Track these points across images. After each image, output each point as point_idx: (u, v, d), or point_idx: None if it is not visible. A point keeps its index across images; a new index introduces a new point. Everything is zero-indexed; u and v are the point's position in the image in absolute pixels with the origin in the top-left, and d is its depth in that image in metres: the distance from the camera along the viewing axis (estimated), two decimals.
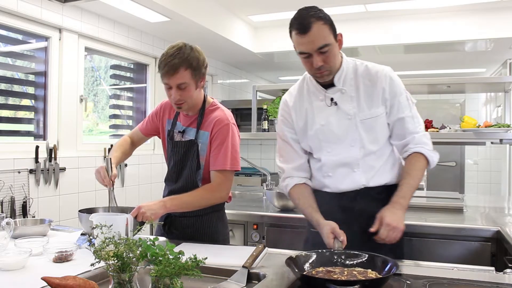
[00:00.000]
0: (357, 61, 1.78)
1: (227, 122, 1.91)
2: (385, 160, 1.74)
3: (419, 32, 4.66)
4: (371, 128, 1.71)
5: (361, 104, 1.70)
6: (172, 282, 1.03)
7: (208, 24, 4.23)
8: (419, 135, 1.71)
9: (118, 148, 2.09)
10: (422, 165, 1.69)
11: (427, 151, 1.70)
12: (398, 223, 1.55)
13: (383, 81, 1.70)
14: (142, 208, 1.70)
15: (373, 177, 1.71)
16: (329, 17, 1.64)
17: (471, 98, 7.14)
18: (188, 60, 1.80)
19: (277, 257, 1.61)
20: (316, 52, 1.60)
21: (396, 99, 1.71)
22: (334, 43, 1.63)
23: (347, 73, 1.73)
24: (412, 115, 1.72)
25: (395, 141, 1.76)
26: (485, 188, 7.10)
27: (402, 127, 1.71)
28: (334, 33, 1.64)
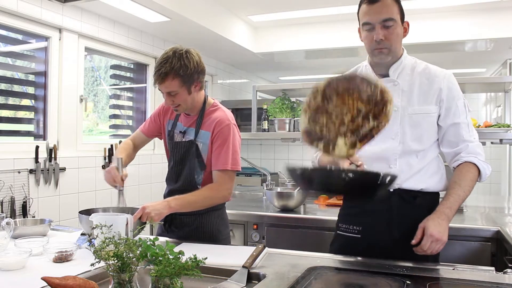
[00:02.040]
0: (418, 60, 1.75)
1: (228, 122, 1.92)
2: (426, 164, 1.67)
3: (419, 32, 4.66)
4: (417, 124, 1.65)
5: (412, 98, 1.66)
6: (172, 282, 1.03)
7: (208, 24, 4.22)
8: (473, 144, 1.64)
9: (122, 151, 2.09)
10: (473, 176, 1.62)
11: (481, 162, 1.62)
12: (442, 235, 1.51)
13: (441, 81, 1.66)
14: (147, 209, 1.70)
15: (410, 178, 1.64)
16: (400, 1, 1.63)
17: (471, 98, 7.14)
18: (175, 70, 1.80)
19: (277, 257, 1.61)
20: (380, 24, 1.60)
21: (454, 102, 1.65)
22: (399, 23, 1.62)
23: (404, 68, 1.70)
24: (468, 123, 1.66)
25: (446, 149, 1.68)
26: (485, 188, 7.10)
27: (457, 133, 1.64)
28: (401, 15, 1.63)
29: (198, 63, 1.87)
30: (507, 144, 3.03)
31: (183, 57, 1.82)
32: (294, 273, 1.39)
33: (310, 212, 2.67)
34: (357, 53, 5.10)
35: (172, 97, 1.85)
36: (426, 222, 1.53)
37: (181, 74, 1.81)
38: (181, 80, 1.82)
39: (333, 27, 4.83)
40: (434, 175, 1.69)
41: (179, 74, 1.81)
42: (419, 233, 1.52)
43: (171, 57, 1.81)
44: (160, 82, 1.82)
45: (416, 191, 1.66)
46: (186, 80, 1.83)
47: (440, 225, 1.52)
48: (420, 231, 1.52)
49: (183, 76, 1.82)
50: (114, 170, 1.86)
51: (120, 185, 1.86)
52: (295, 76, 7.43)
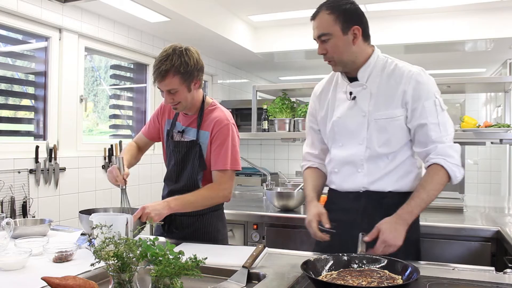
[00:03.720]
0: (390, 58, 1.72)
1: (227, 122, 1.92)
2: (396, 166, 1.66)
3: (419, 32, 4.66)
4: (384, 129, 1.64)
5: (379, 103, 1.65)
6: (172, 282, 1.03)
7: (208, 24, 4.22)
8: (443, 146, 1.59)
9: (126, 152, 2.09)
10: (441, 179, 1.57)
11: (450, 164, 1.57)
12: (396, 241, 1.49)
13: (406, 82, 1.62)
14: (147, 209, 1.70)
15: (377, 181, 1.66)
16: (345, 9, 1.61)
17: (471, 98, 7.14)
18: (176, 67, 1.79)
19: (277, 257, 1.61)
20: (318, 40, 1.65)
21: (420, 103, 1.61)
22: (338, 35, 1.61)
23: (373, 69, 1.68)
24: (438, 122, 1.60)
25: (417, 149, 1.66)
26: (485, 188, 7.10)
27: (425, 134, 1.61)
28: (344, 25, 1.60)
29: (198, 60, 1.87)
30: (507, 144, 3.03)
31: (183, 54, 1.82)
32: (294, 273, 1.39)
33: None
34: None
35: (172, 95, 1.85)
36: (382, 225, 1.52)
37: (182, 71, 1.80)
38: (182, 77, 1.82)
39: None
40: (406, 176, 1.68)
41: (180, 71, 1.80)
42: (374, 232, 1.51)
43: (171, 54, 1.81)
44: (160, 80, 1.81)
45: (385, 192, 1.67)
46: (187, 77, 1.83)
47: (395, 230, 1.50)
48: (376, 231, 1.51)
49: (184, 73, 1.81)
50: (115, 169, 1.87)
51: (122, 184, 1.86)
52: (295, 76, 7.43)
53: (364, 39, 1.67)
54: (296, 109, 3.36)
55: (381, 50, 1.77)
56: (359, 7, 1.66)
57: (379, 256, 1.38)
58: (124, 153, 2.09)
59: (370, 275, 1.26)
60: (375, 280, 1.21)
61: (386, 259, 1.35)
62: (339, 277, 1.26)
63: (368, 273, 1.28)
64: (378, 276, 1.25)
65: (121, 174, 1.86)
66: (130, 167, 2.07)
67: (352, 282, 1.21)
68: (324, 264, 1.35)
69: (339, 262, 1.36)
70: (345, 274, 1.29)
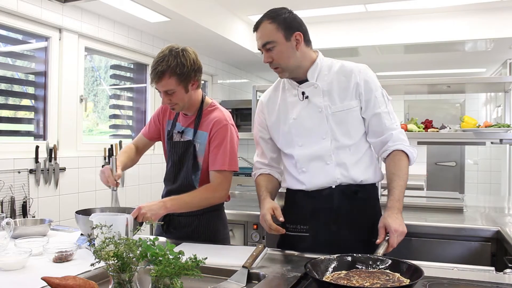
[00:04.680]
0: (333, 60, 1.81)
1: (225, 122, 1.91)
2: (360, 157, 1.74)
3: (419, 32, 4.66)
4: (343, 121, 1.72)
5: (333, 97, 1.72)
6: (172, 282, 1.03)
7: (208, 24, 4.22)
8: (396, 132, 1.72)
9: (122, 154, 2.09)
10: (406, 163, 1.70)
11: (407, 147, 1.71)
12: (403, 227, 1.57)
13: (357, 76, 1.72)
14: (143, 209, 1.70)
15: (348, 171, 1.71)
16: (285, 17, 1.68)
17: (471, 98, 7.14)
18: (172, 68, 1.79)
19: (277, 257, 1.61)
20: (263, 48, 1.71)
21: (372, 94, 1.72)
22: (282, 42, 1.68)
23: (321, 70, 1.76)
24: (388, 111, 1.74)
25: (372, 139, 1.76)
26: (485, 188, 7.11)
27: (379, 122, 1.72)
28: (286, 32, 1.68)
29: (195, 61, 1.87)
30: (507, 144, 3.03)
31: (179, 55, 1.82)
32: (294, 273, 1.39)
33: None
34: (357, 53, 5.11)
35: (169, 96, 1.85)
36: (385, 221, 1.58)
37: (178, 72, 1.80)
38: (178, 78, 1.82)
39: (333, 27, 4.84)
40: (369, 167, 1.76)
41: (176, 73, 1.80)
42: (382, 232, 1.56)
43: (168, 55, 1.81)
44: (157, 81, 1.82)
45: (355, 184, 1.72)
46: (183, 78, 1.83)
47: (397, 219, 1.58)
48: (383, 231, 1.56)
49: (180, 75, 1.81)
50: (107, 170, 1.86)
51: (113, 186, 1.86)
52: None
53: (306, 44, 1.74)
54: None
55: (381, 50, 1.79)
56: (297, 16, 1.74)
57: (383, 256, 1.38)
58: (120, 154, 2.09)
59: (379, 277, 1.25)
60: (380, 282, 1.21)
61: (390, 259, 1.35)
62: (345, 277, 1.26)
63: (378, 275, 1.27)
64: (386, 278, 1.24)
65: (113, 176, 1.85)
66: (125, 169, 2.07)
67: (356, 283, 1.21)
68: (328, 264, 1.35)
69: (343, 263, 1.36)
70: (353, 274, 1.29)
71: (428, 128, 2.91)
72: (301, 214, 1.78)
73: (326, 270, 1.32)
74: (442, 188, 5.26)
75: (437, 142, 3.21)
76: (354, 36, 4.76)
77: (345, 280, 1.24)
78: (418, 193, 3.07)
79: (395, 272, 1.29)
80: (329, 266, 1.34)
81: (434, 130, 2.89)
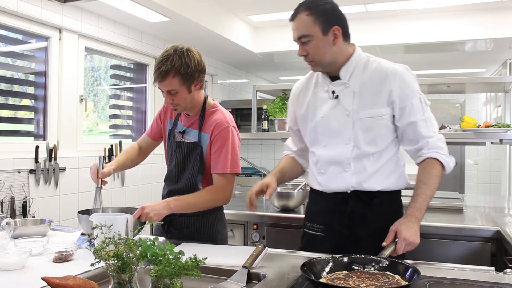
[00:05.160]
0: (371, 57, 1.71)
1: (227, 125, 1.91)
2: (382, 165, 1.67)
3: (419, 32, 4.66)
4: (369, 128, 1.64)
5: (363, 101, 1.64)
6: (172, 282, 1.03)
7: (208, 24, 4.22)
8: (433, 139, 1.63)
9: (123, 153, 2.11)
10: (438, 172, 1.61)
11: (443, 156, 1.62)
12: (414, 238, 1.51)
13: (391, 81, 1.62)
14: (146, 209, 1.70)
15: (366, 180, 1.65)
16: (324, 9, 1.60)
17: (471, 98, 7.14)
18: (176, 68, 1.78)
19: (277, 257, 1.61)
20: (298, 41, 1.64)
21: (408, 101, 1.62)
22: (318, 36, 1.60)
23: (355, 68, 1.67)
24: (425, 118, 1.63)
25: (407, 147, 1.68)
26: (485, 188, 7.10)
27: (414, 131, 1.63)
28: (324, 26, 1.59)
29: (199, 61, 1.87)
30: (507, 144, 3.03)
31: (184, 55, 1.81)
32: (294, 273, 1.39)
33: None
34: None
35: (172, 95, 1.84)
36: (398, 226, 1.53)
37: (182, 72, 1.80)
38: (182, 78, 1.81)
39: None
40: (391, 175, 1.69)
41: (180, 73, 1.80)
42: (390, 236, 1.52)
43: (172, 55, 1.80)
44: (160, 80, 1.81)
45: (373, 192, 1.66)
46: (187, 78, 1.82)
47: (412, 228, 1.52)
48: (392, 234, 1.52)
49: (184, 75, 1.81)
50: (94, 167, 1.89)
51: (97, 184, 1.86)
52: (295, 76, 7.42)
53: (345, 38, 1.66)
54: None
55: (381, 50, 1.77)
56: (337, 7, 1.65)
57: (380, 257, 1.38)
58: (121, 154, 2.10)
59: (378, 278, 1.25)
60: (377, 283, 1.21)
61: (388, 260, 1.35)
62: (343, 277, 1.26)
63: (378, 276, 1.27)
64: (385, 280, 1.24)
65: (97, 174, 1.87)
66: (123, 168, 2.08)
67: (352, 283, 1.21)
68: (324, 265, 1.34)
69: (340, 263, 1.36)
70: (352, 275, 1.29)
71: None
72: (318, 213, 1.76)
73: (322, 270, 1.32)
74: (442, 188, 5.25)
75: None
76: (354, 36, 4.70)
77: (342, 280, 1.24)
78: None
79: (395, 274, 1.29)
80: (325, 267, 1.34)
81: None
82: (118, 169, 2.03)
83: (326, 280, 1.25)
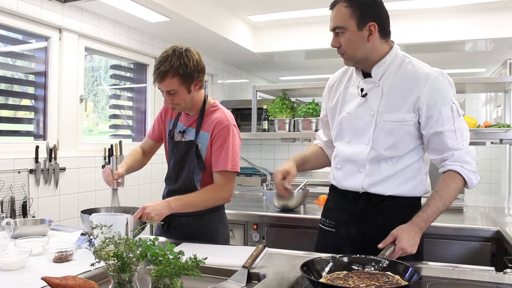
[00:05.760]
0: (408, 57, 1.66)
1: (227, 123, 1.91)
2: (398, 171, 1.62)
3: (419, 32, 4.66)
4: (391, 133, 1.59)
5: (390, 103, 1.59)
6: (172, 282, 1.03)
7: (208, 24, 4.22)
8: (460, 152, 1.55)
9: (129, 156, 2.13)
10: (457, 186, 1.54)
11: (466, 171, 1.54)
12: (412, 249, 1.49)
13: (422, 87, 1.56)
14: (147, 209, 1.70)
15: (378, 184, 1.63)
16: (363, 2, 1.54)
17: (471, 98, 7.14)
18: (175, 68, 1.79)
19: (277, 257, 1.61)
20: (333, 31, 1.61)
21: (436, 109, 1.55)
22: (353, 29, 1.55)
23: (389, 67, 1.62)
24: (455, 129, 1.55)
25: (432, 156, 1.62)
26: (485, 188, 7.10)
27: (441, 141, 1.56)
28: (360, 20, 1.54)
29: (198, 61, 1.87)
30: (507, 144, 3.03)
31: (183, 56, 1.81)
32: (294, 273, 1.39)
33: (310, 212, 2.67)
34: None
35: (171, 95, 1.85)
36: (399, 233, 1.49)
37: (181, 72, 1.80)
38: (181, 78, 1.81)
39: None
40: (408, 181, 1.64)
41: (179, 73, 1.80)
42: (389, 239, 1.50)
43: (171, 55, 1.81)
44: (159, 81, 1.82)
45: (385, 196, 1.64)
46: (186, 79, 1.83)
47: (412, 239, 1.49)
48: (391, 239, 1.49)
49: (183, 75, 1.81)
50: (108, 170, 1.92)
51: (112, 185, 1.88)
52: (295, 76, 7.42)
53: (382, 36, 1.60)
54: (296, 109, 3.36)
55: None
56: (381, 2, 1.58)
57: (381, 257, 1.38)
58: (127, 157, 2.13)
59: (378, 278, 1.25)
60: (377, 283, 1.21)
61: (388, 260, 1.35)
62: (343, 277, 1.26)
63: (378, 276, 1.27)
64: (385, 280, 1.24)
65: (112, 175, 1.90)
66: (132, 171, 2.09)
67: (352, 283, 1.20)
68: (324, 265, 1.34)
69: (339, 263, 1.36)
70: (352, 275, 1.28)
71: None
72: (331, 209, 1.77)
73: (322, 270, 1.32)
74: None
75: None
76: None
77: (342, 280, 1.24)
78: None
79: (395, 274, 1.29)
80: (325, 267, 1.34)
81: None
82: (128, 171, 2.05)
83: (326, 280, 1.25)
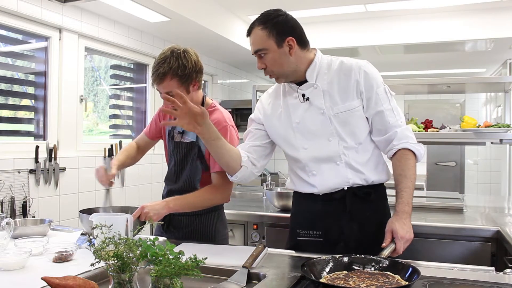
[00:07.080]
0: (333, 57, 1.74)
1: (225, 124, 1.91)
2: (368, 157, 1.69)
3: (419, 32, 4.67)
4: (346, 122, 1.66)
5: (334, 97, 1.66)
6: (172, 282, 1.03)
7: (208, 24, 4.23)
8: (401, 129, 1.65)
9: (122, 152, 2.11)
10: (413, 161, 1.64)
11: (413, 145, 1.65)
12: (410, 234, 1.53)
13: (357, 74, 1.65)
14: (146, 208, 1.71)
15: (359, 172, 1.67)
16: (277, 22, 1.62)
17: (471, 98, 7.15)
18: (173, 70, 1.79)
19: (277, 257, 1.61)
20: (256, 55, 1.68)
21: (374, 91, 1.65)
22: (274, 48, 1.63)
23: (320, 69, 1.70)
24: (392, 108, 1.67)
25: (376, 137, 1.69)
26: (485, 188, 7.11)
27: (383, 120, 1.66)
28: (278, 38, 1.62)
29: (196, 62, 1.87)
30: (507, 144, 3.03)
31: (181, 57, 1.81)
32: (294, 273, 1.39)
33: None
34: (357, 53, 5.11)
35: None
36: (392, 226, 1.54)
37: (179, 74, 1.80)
38: (179, 80, 1.81)
39: (333, 27, 4.84)
40: (377, 167, 1.72)
41: (177, 74, 1.80)
42: (388, 237, 1.53)
43: (169, 56, 1.81)
44: (158, 83, 1.82)
45: (367, 185, 1.68)
46: (184, 79, 1.83)
47: (405, 225, 1.54)
48: (389, 235, 1.53)
49: (181, 76, 1.81)
50: (101, 169, 1.90)
51: (106, 185, 1.88)
52: None
53: (302, 46, 1.68)
54: None
55: (381, 50, 1.77)
56: (290, 17, 1.67)
57: (380, 257, 1.38)
58: (120, 153, 2.11)
59: (378, 278, 1.25)
60: (378, 283, 1.21)
61: (388, 260, 1.35)
62: (343, 277, 1.26)
63: (378, 276, 1.27)
64: (385, 280, 1.24)
65: (106, 175, 1.89)
66: (124, 167, 2.09)
67: (352, 283, 1.20)
68: (324, 265, 1.34)
69: (340, 263, 1.36)
70: (352, 275, 1.28)
71: (428, 128, 2.92)
72: (313, 219, 1.74)
73: (322, 270, 1.32)
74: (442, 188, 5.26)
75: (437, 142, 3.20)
76: (354, 36, 4.76)
77: (342, 280, 1.24)
78: (418, 193, 3.07)
79: (395, 274, 1.29)
80: (325, 267, 1.34)
81: (434, 130, 2.90)
82: (119, 168, 2.04)
83: (326, 280, 1.25)
